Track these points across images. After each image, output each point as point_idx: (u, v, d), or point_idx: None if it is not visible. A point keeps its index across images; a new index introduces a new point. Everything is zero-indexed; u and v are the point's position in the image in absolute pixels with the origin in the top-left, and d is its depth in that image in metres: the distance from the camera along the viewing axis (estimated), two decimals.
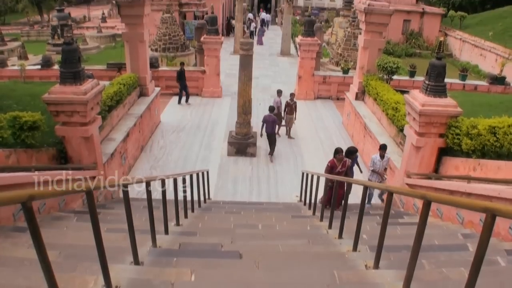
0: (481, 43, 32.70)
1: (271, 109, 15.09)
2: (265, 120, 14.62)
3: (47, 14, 46.54)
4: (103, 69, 20.15)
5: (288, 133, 16.76)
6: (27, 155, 8.64)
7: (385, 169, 11.20)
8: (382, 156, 10.96)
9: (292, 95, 16.70)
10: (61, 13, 29.00)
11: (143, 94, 16.51)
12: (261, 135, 15.21)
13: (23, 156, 8.48)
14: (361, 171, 12.28)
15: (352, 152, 10.87)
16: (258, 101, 19.62)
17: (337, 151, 10.11)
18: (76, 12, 47.39)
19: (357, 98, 17.15)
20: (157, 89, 17.82)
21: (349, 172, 10.45)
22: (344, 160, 10.14)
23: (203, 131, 17.06)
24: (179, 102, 20.15)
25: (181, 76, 19.49)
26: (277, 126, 15.43)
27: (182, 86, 19.75)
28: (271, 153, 14.94)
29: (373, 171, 11.09)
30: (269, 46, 35.98)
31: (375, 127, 14.41)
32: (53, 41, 28.68)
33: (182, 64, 20.01)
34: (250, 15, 43.99)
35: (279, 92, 16.83)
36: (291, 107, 16.32)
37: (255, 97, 16.70)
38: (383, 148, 11.00)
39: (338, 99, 21.32)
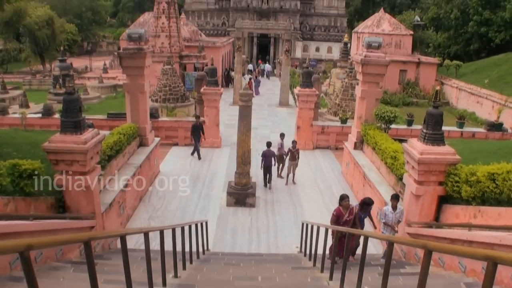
0: (477, 91, 33.32)
1: (269, 144, 16.36)
2: (264, 155, 15.97)
3: (49, 64, 47.70)
4: (104, 118, 20.38)
5: (292, 178, 17.12)
6: (26, 203, 8.59)
7: (399, 222, 10.30)
8: (394, 207, 10.19)
9: (294, 142, 17.14)
10: (63, 63, 29.78)
11: (143, 144, 16.58)
12: (261, 167, 16.38)
13: (22, 204, 8.44)
14: (374, 227, 11.24)
15: (368, 204, 10.09)
16: (257, 152, 19.66)
17: (342, 198, 9.58)
18: (78, 63, 48.48)
19: (355, 147, 17.21)
20: (157, 139, 17.94)
21: (358, 222, 9.68)
22: (351, 208, 9.58)
23: (202, 182, 17.01)
24: (199, 157, 19.64)
25: (195, 129, 19.38)
26: (277, 166, 17.16)
27: (197, 139, 19.49)
28: (270, 183, 16.29)
29: (385, 223, 10.29)
30: (268, 97, 36.49)
31: (374, 176, 14.39)
32: (55, 90, 29.21)
33: (197, 117, 19.98)
34: (250, 66, 44.97)
35: (282, 135, 17.84)
36: (293, 154, 16.78)
37: (254, 147, 16.80)
38: (395, 198, 10.23)
39: (336, 148, 21.42)
